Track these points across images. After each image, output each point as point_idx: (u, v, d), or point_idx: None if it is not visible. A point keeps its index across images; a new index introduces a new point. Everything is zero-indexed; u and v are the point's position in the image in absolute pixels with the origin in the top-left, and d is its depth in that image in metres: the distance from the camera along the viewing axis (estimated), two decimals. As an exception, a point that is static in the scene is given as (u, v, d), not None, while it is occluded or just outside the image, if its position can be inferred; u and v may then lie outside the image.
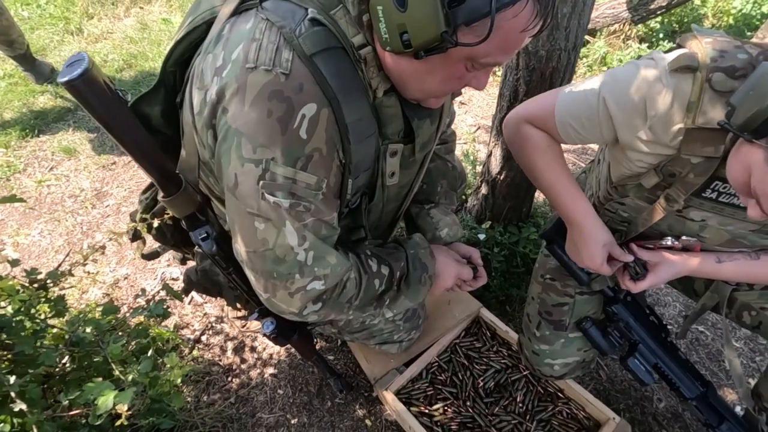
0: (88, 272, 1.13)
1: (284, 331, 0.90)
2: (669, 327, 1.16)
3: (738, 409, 1.29)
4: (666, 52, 0.79)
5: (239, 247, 0.70)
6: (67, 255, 0.99)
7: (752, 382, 1.41)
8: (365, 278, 0.78)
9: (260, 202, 0.63)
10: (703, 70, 0.67)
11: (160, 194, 0.71)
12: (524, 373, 1.32)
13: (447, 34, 0.53)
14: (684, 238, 0.91)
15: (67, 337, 0.88)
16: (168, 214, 0.87)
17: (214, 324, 1.59)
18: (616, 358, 1.48)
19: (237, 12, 0.64)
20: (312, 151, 0.62)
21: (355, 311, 0.81)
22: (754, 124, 0.58)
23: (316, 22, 0.60)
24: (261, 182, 0.62)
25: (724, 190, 0.77)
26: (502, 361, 1.35)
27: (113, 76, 2.99)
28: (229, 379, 1.45)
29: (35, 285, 0.91)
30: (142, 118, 0.75)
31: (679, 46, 0.76)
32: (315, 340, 1.15)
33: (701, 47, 0.69)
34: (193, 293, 1.67)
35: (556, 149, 0.92)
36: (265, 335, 0.90)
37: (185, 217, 0.74)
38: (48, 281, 0.91)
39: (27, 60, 2.64)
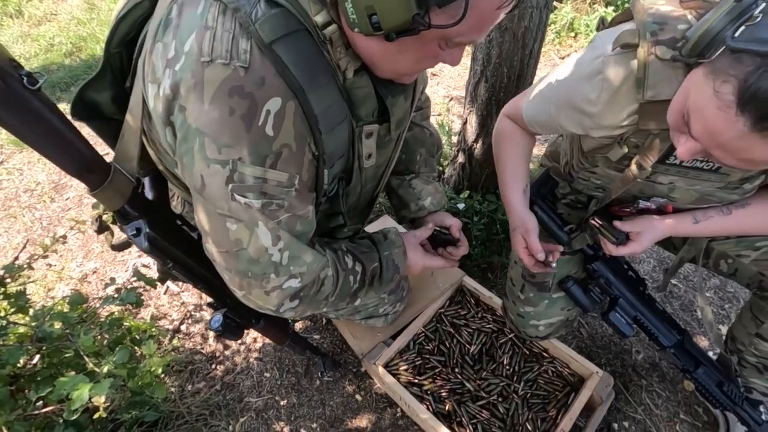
0: (50, 265, 1.06)
1: (231, 328, 0.86)
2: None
3: (711, 354, 1.35)
4: (612, 22, 0.82)
5: (210, 248, 0.66)
6: (23, 247, 0.92)
7: (722, 328, 1.49)
8: (342, 275, 0.77)
9: (231, 204, 0.60)
10: (644, 46, 0.67)
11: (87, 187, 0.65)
12: (509, 336, 1.34)
13: (419, 17, 0.50)
14: (654, 199, 0.93)
15: (32, 333, 0.83)
16: None
17: (192, 312, 1.54)
18: (596, 315, 1.52)
19: None
20: (280, 147, 0.58)
21: (329, 306, 0.80)
22: (701, 45, 0.59)
23: (273, 3, 0.55)
24: (230, 184, 0.58)
25: None
26: (488, 326, 1.37)
27: (61, 61, 2.80)
28: (213, 366, 1.41)
29: (-9, 281, 0.84)
30: (90, 105, 0.69)
31: (629, 19, 0.77)
32: (291, 323, 1.12)
33: (643, 19, 0.69)
34: (169, 283, 1.61)
35: (522, 143, 1.02)
36: (210, 330, 0.86)
37: (115, 211, 0.69)
38: (5, 276, 0.85)
39: None
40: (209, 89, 0.54)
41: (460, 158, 1.68)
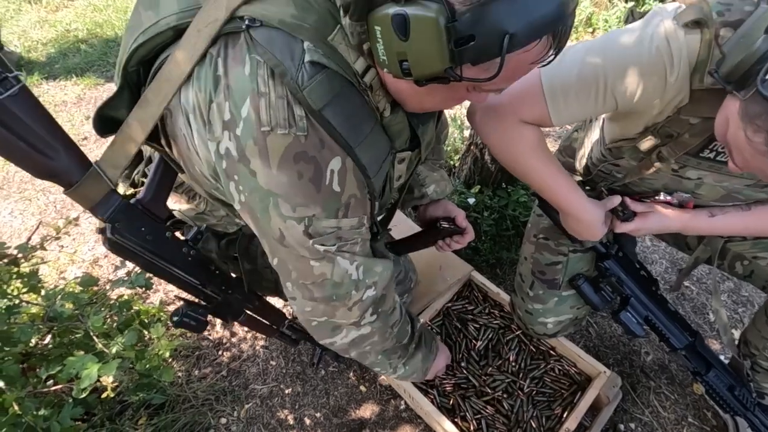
0: (62, 247, 1.07)
1: (189, 326, 0.83)
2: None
3: (723, 357, 1.33)
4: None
5: (291, 285, 0.70)
6: (37, 228, 0.93)
7: (734, 332, 1.46)
8: (403, 316, 0.86)
9: (311, 248, 0.64)
10: (711, 26, 0.63)
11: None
12: (516, 332, 1.33)
13: (451, 70, 0.50)
14: (678, 194, 0.91)
15: (44, 312, 0.84)
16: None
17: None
18: (605, 314, 1.50)
19: (221, 34, 0.57)
20: (348, 198, 0.63)
21: (382, 354, 0.86)
22: (738, 74, 0.56)
23: (316, 65, 0.55)
24: (307, 236, 0.62)
25: (722, 150, 0.75)
26: (495, 322, 1.36)
27: (78, 46, 2.82)
28: (220, 352, 1.42)
29: (5, 260, 0.85)
30: (110, 121, 0.69)
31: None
32: (286, 317, 1.11)
33: (706, 2, 0.64)
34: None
35: (544, 145, 0.86)
36: (171, 322, 0.84)
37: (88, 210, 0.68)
38: (19, 256, 0.86)
39: None
40: (275, 156, 0.56)
41: (473, 153, 1.66)
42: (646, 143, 0.80)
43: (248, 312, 0.98)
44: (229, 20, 0.56)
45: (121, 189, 0.84)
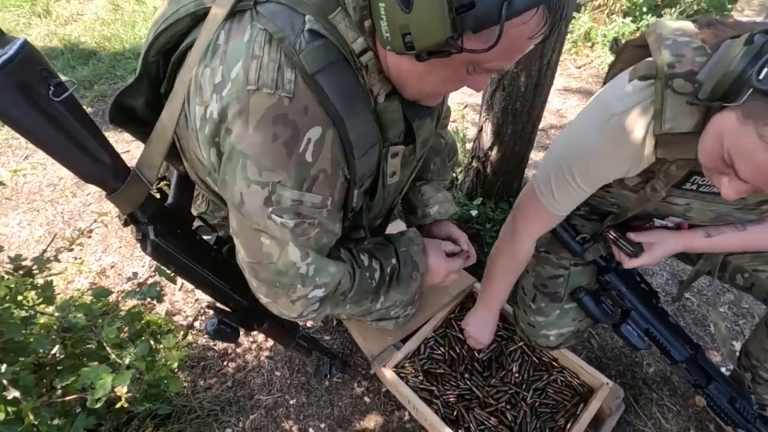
0: (75, 258, 1.09)
1: (224, 333, 0.85)
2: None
3: (724, 370, 1.34)
4: (625, 45, 0.83)
5: (242, 258, 0.70)
6: (52, 240, 0.95)
7: (735, 344, 1.47)
8: (358, 272, 0.79)
9: (266, 221, 0.63)
10: (662, 77, 0.67)
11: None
12: (519, 344, 1.34)
13: (452, 40, 0.52)
14: (670, 218, 0.93)
15: (57, 323, 0.86)
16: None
17: (206, 309, 1.57)
18: (607, 326, 1.52)
19: (231, 14, 0.60)
20: (317, 172, 0.62)
21: (352, 305, 0.81)
22: (722, 89, 0.58)
23: (315, 33, 0.57)
24: (268, 205, 0.62)
25: (703, 182, 0.78)
26: (498, 333, 1.37)
27: (86, 59, 2.87)
28: (225, 363, 1.44)
29: (21, 272, 0.88)
30: (126, 110, 0.72)
31: (643, 44, 0.77)
32: (300, 326, 1.13)
33: (660, 53, 0.68)
34: (184, 279, 1.64)
35: (516, 270, 1.12)
36: (207, 333, 0.86)
37: (127, 215, 0.70)
38: (34, 267, 0.88)
39: None
40: (254, 116, 0.56)
41: (474, 165, 1.69)
42: (631, 180, 0.83)
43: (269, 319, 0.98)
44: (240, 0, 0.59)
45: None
